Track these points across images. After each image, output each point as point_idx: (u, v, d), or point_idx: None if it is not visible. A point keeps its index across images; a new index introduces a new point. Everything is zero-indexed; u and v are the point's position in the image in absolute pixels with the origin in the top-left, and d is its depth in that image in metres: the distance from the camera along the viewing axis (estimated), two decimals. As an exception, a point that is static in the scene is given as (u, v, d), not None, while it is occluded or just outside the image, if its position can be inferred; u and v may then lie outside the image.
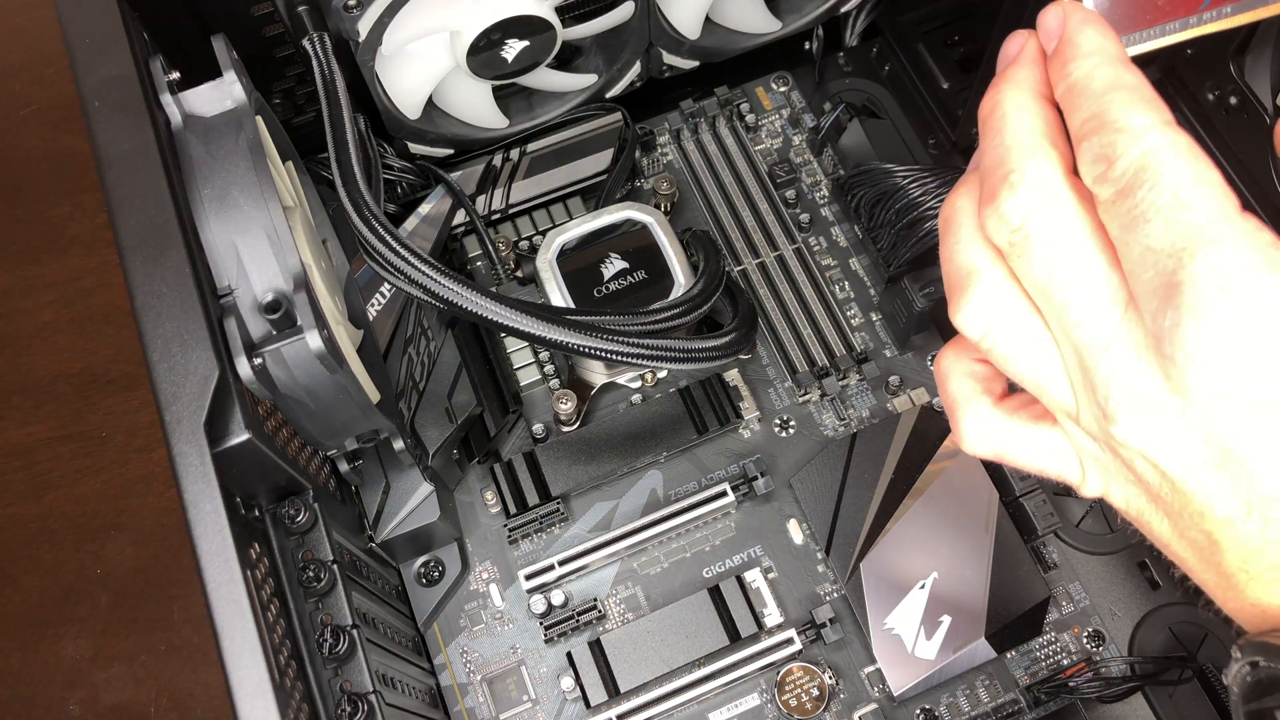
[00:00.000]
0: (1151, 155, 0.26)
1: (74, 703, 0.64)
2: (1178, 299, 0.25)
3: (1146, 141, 0.26)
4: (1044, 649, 0.54)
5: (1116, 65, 0.28)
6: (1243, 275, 0.24)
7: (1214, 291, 0.25)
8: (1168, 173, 0.26)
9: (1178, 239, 0.25)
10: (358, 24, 0.48)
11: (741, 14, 0.60)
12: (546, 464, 0.56)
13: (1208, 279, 0.25)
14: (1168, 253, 0.25)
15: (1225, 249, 0.25)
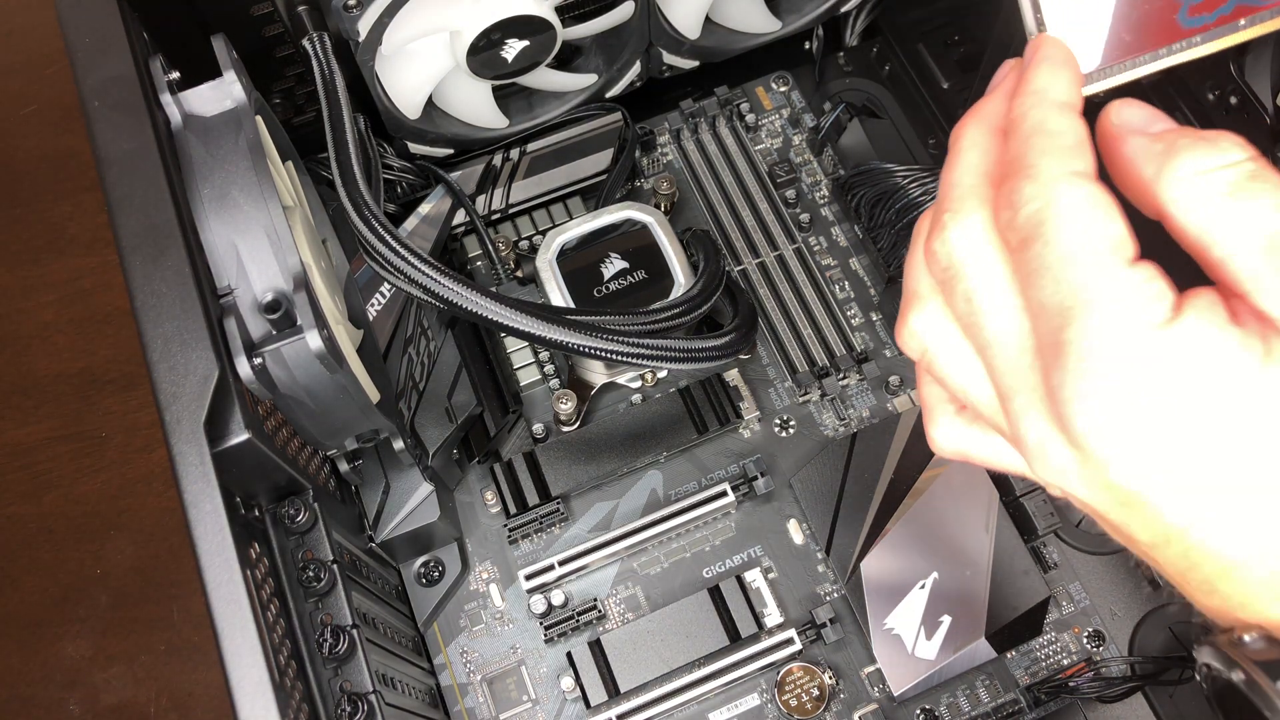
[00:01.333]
0: (1050, 208, 0.26)
1: (74, 702, 0.64)
2: (1063, 359, 0.26)
3: (1049, 192, 0.26)
4: (1044, 649, 0.54)
5: (1047, 108, 0.28)
6: (1121, 340, 0.25)
7: (1094, 355, 0.25)
8: (1063, 227, 0.26)
9: (1065, 297, 0.26)
10: (357, 24, 0.48)
11: (741, 14, 0.60)
12: (546, 464, 0.56)
13: (1088, 343, 0.25)
14: (1056, 311, 0.26)
15: (1106, 312, 0.25)
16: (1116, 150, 0.28)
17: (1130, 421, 0.25)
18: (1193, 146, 0.26)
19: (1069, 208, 0.26)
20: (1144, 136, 0.27)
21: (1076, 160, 0.27)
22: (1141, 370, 0.25)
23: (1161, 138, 0.27)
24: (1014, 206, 0.27)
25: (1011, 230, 0.27)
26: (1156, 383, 0.25)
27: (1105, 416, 0.25)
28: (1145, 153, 0.27)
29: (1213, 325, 0.25)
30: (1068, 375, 0.25)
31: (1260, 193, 0.25)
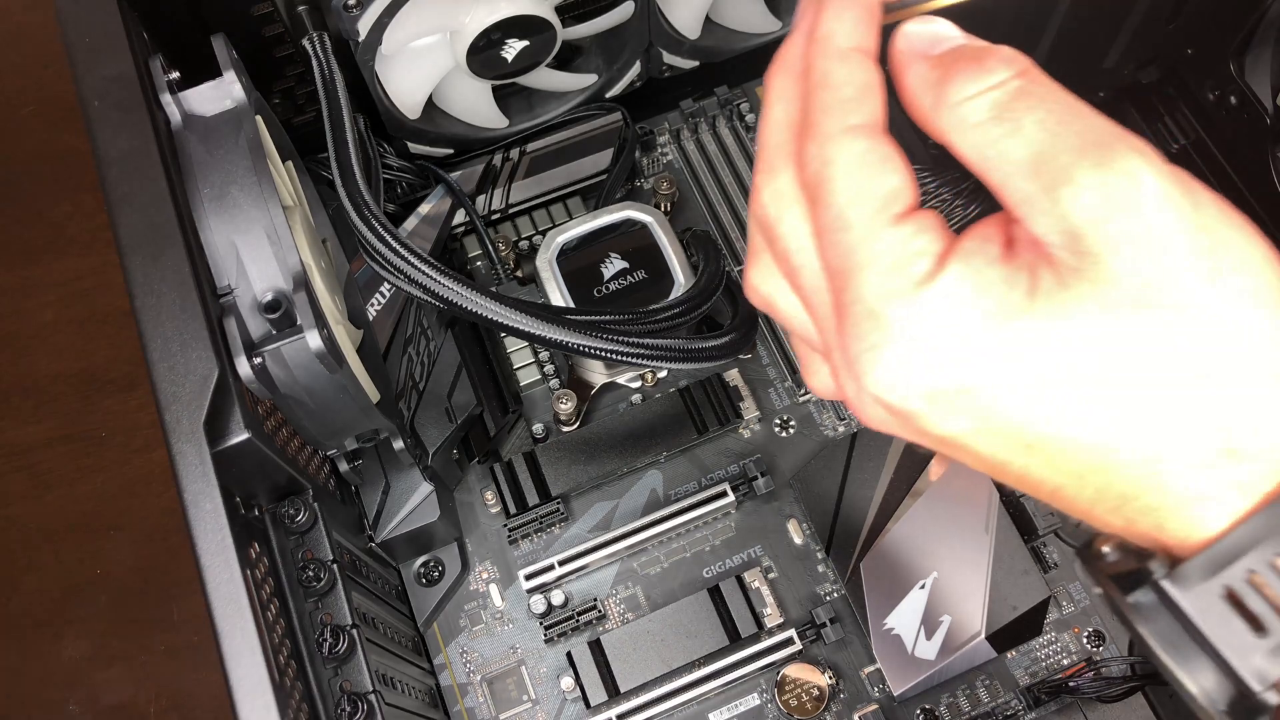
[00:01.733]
0: (826, 167, 0.26)
1: (73, 703, 0.64)
2: (845, 323, 0.26)
3: (825, 150, 0.26)
4: (1044, 649, 0.54)
5: (829, 57, 0.27)
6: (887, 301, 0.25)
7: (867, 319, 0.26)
8: (835, 188, 0.26)
9: (840, 260, 0.26)
10: (357, 24, 0.48)
11: (742, 13, 0.60)
12: (546, 464, 0.56)
13: (860, 307, 0.26)
14: (837, 273, 0.26)
15: (870, 274, 0.25)
16: (901, 80, 0.27)
17: (915, 377, 0.25)
18: (962, 72, 0.25)
19: (841, 167, 0.26)
20: (924, 62, 0.27)
21: (852, 114, 0.27)
22: (912, 328, 0.25)
23: (939, 62, 0.26)
24: (802, 165, 0.27)
25: (804, 189, 0.27)
26: (929, 337, 0.25)
27: (891, 377, 0.25)
28: (924, 82, 0.26)
29: (975, 270, 0.25)
30: (849, 340, 0.26)
31: (1025, 110, 0.25)
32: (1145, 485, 0.25)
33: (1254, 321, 0.24)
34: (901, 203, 0.26)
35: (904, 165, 0.26)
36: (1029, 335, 0.24)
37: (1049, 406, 0.25)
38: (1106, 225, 0.24)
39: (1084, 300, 0.24)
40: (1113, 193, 0.24)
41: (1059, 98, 0.25)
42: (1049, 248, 0.25)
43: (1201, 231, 0.24)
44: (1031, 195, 0.25)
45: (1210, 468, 0.24)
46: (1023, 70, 0.25)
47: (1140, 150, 0.24)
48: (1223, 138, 0.61)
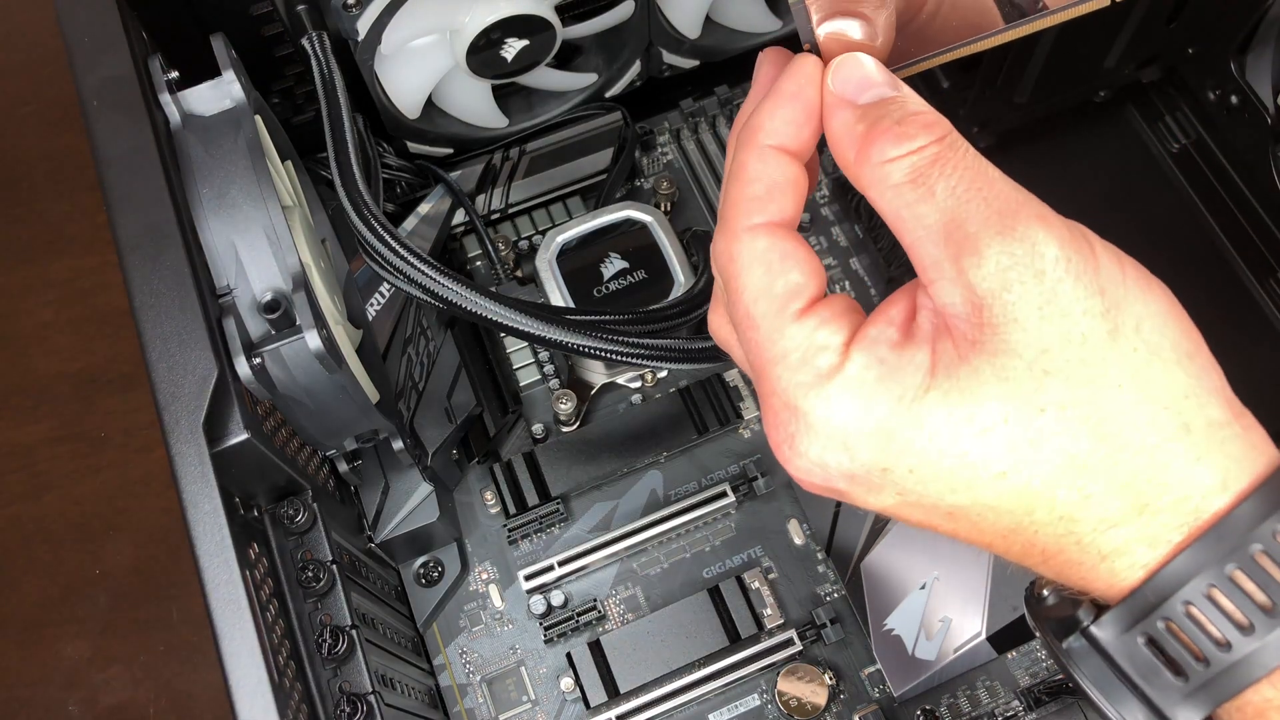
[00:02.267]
0: (730, 265, 0.28)
1: (73, 703, 0.64)
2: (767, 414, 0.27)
3: (730, 248, 0.28)
4: (1044, 649, 0.54)
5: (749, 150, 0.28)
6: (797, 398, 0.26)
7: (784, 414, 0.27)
8: (740, 287, 0.27)
9: (751, 354, 0.28)
10: (357, 23, 0.48)
11: (742, 13, 0.60)
12: (546, 464, 0.56)
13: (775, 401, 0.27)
14: (753, 363, 0.28)
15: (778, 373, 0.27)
16: (828, 123, 0.28)
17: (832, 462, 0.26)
18: (885, 134, 0.26)
19: (744, 265, 0.27)
20: (850, 111, 0.27)
21: (757, 213, 0.28)
22: (824, 417, 0.26)
23: (864, 115, 0.27)
24: (714, 255, 0.29)
25: (718, 278, 0.29)
26: (841, 425, 0.26)
27: (809, 464, 0.27)
28: (849, 134, 0.27)
29: (878, 357, 0.26)
30: (771, 429, 0.27)
31: (939, 176, 0.25)
32: (1062, 544, 0.26)
33: (1156, 377, 0.25)
34: (803, 298, 0.27)
35: (806, 259, 0.27)
36: (933, 414, 0.25)
37: (959, 479, 0.25)
38: (1006, 294, 0.25)
39: (981, 373, 0.25)
40: (1013, 261, 0.25)
41: (971, 165, 0.26)
42: (951, 319, 0.25)
43: (1099, 294, 0.25)
44: (939, 261, 0.25)
45: (1121, 525, 0.25)
46: (940, 137, 0.26)
47: (1042, 217, 0.25)
48: (1223, 137, 0.61)
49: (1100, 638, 0.26)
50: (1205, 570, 0.24)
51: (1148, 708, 0.25)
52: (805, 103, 0.28)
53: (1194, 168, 0.63)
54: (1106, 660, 0.26)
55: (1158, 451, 0.25)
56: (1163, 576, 0.25)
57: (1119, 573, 0.25)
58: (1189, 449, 0.25)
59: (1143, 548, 0.25)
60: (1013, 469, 0.25)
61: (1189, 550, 0.25)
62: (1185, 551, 0.25)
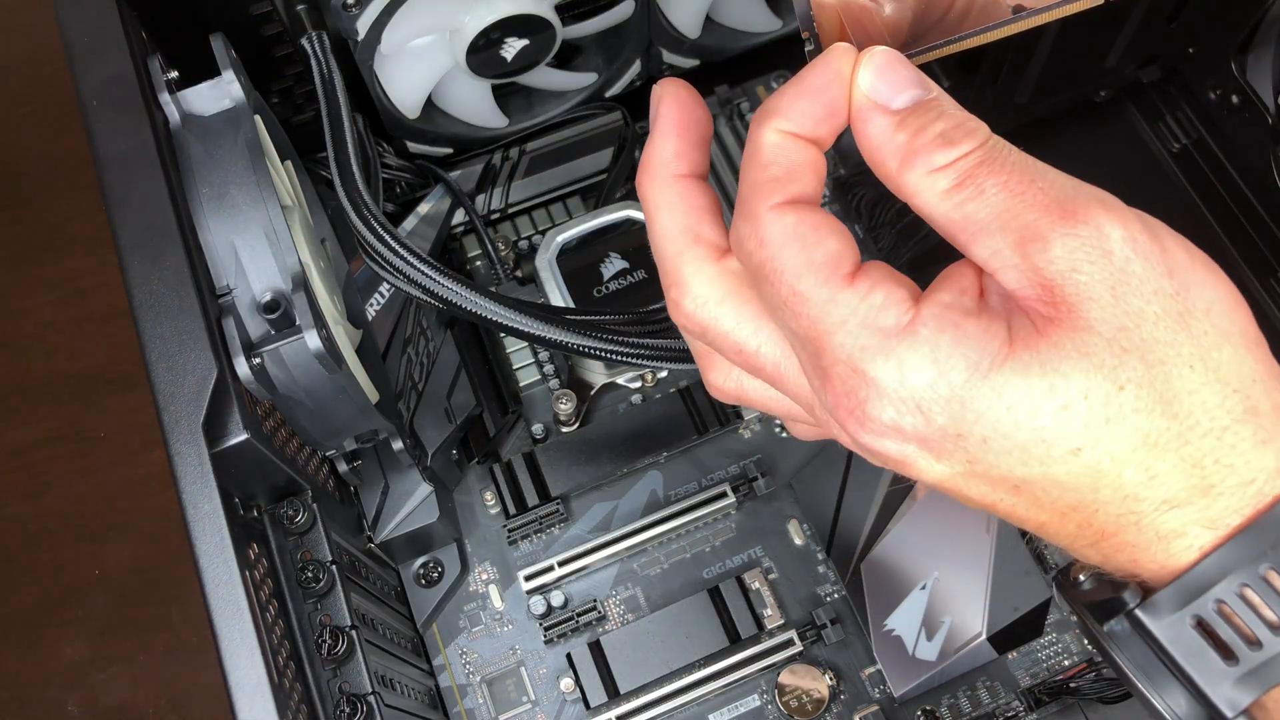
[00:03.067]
0: (762, 247, 0.27)
1: (72, 704, 0.64)
2: (832, 385, 0.27)
3: (759, 231, 0.27)
4: (1045, 650, 0.54)
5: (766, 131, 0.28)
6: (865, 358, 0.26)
7: (852, 380, 0.26)
8: (778, 267, 0.27)
9: (806, 329, 0.27)
10: (356, 23, 0.48)
11: (742, 12, 0.60)
12: (546, 464, 0.56)
13: (841, 369, 0.26)
14: (807, 341, 0.27)
15: (842, 337, 0.26)
16: (862, 129, 0.27)
17: (905, 427, 0.26)
18: (929, 148, 0.26)
19: (776, 246, 0.27)
20: (886, 119, 0.27)
21: (777, 193, 0.27)
22: (896, 380, 0.25)
23: (903, 124, 0.27)
24: (738, 244, 0.28)
25: (745, 265, 0.28)
26: (915, 388, 0.25)
27: (881, 429, 0.26)
28: (888, 144, 0.27)
29: (952, 322, 0.25)
30: (839, 399, 0.27)
31: (987, 175, 0.25)
32: (1121, 524, 0.26)
33: (1226, 361, 0.25)
34: (847, 263, 0.26)
35: (837, 226, 0.27)
36: (1012, 385, 0.25)
37: (1033, 453, 0.25)
38: (1076, 275, 0.24)
39: (1063, 347, 0.24)
40: (1080, 243, 0.24)
41: (1019, 161, 0.26)
42: (1022, 300, 0.25)
43: (1169, 275, 0.25)
44: (999, 252, 0.25)
45: (1183, 505, 0.25)
46: (984, 141, 0.26)
47: (1103, 201, 0.25)
48: (1224, 137, 0.61)
49: (1146, 620, 0.25)
50: (1265, 553, 0.24)
51: (1191, 692, 0.25)
52: (829, 101, 0.27)
53: (1194, 168, 0.63)
54: (1151, 643, 0.26)
55: (1226, 433, 0.25)
56: (1218, 557, 0.25)
57: (1174, 554, 0.25)
58: (1256, 432, 0.25)
59: (1201, 529, 0.25)
60: (1088, 446, 0.25)
61: (1248, 532, 0.25)
62: (1244, 533, 0.25)
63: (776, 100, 0.28)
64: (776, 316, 0.28)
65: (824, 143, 0.28)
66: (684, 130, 0.32)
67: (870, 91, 0.27)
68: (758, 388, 0.32)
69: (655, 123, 0.32)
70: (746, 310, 0.29)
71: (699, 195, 0.30)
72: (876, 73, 0.27)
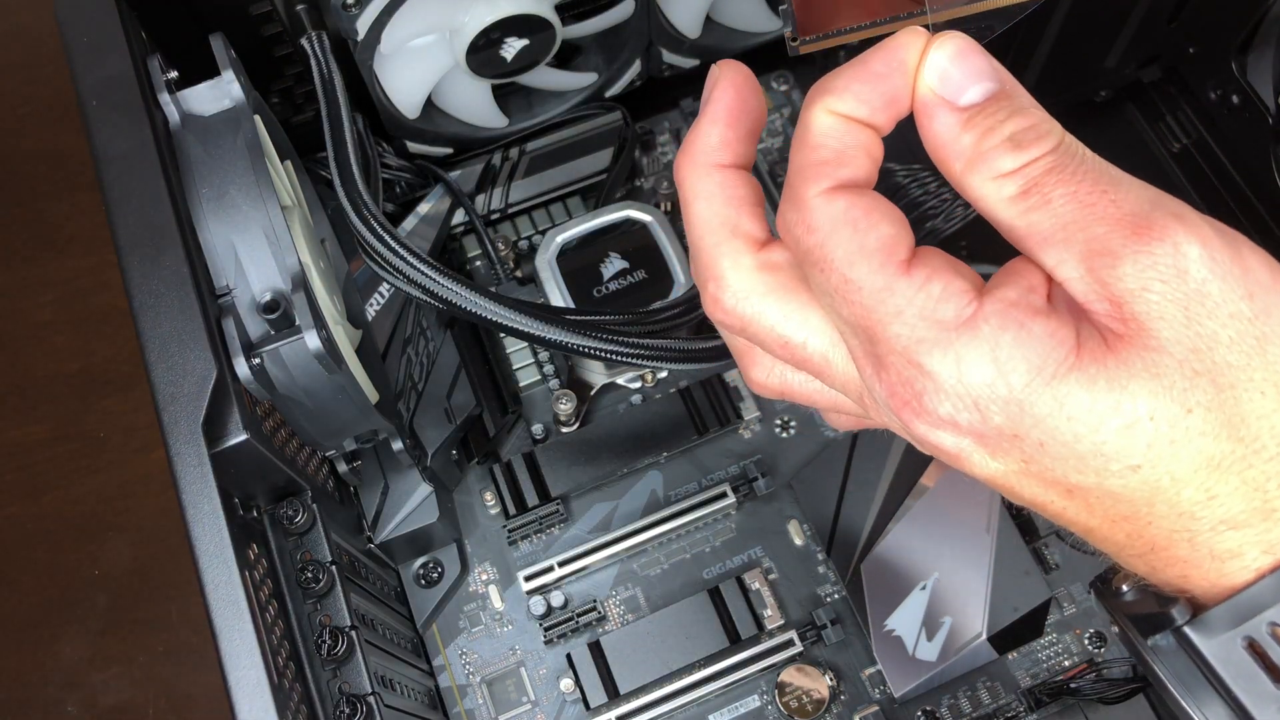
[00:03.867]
0: (809, 234, 0.26)
1: (72, 704, 0.64)
2: (888, 376, 0.26)
3: (808, 217, 0.26)
4: (1045, 650, 0.54)
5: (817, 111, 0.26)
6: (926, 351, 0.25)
7: (910, 371, 0.25)
8: (829, 254, 0.26)
9: (860, 318, 0.26)
10: (356, 23, 0.48)
11: (742, 12, 0.60)
12: (546, 465, 0.56)
13: (896, 359, 0.25)
14: (860, 330, 0.26)
15: (900, 327, 0.25)
16: (926, 124, 0.26)
17: (962, 421, 0.25)
18: (997, 151, 0.25)
19: (826, 233, 0.26)
20: (953, 116, 0.25)
21: (826, 177, 0.26)
22: (955, 374, 0.25)
23: (971, 124, 0.25)
24: (785, 230, 0.27)
25: (793, 251, 0.27)
26: (975, 384, 0.24)
27: (938, 421, 0.25)
28: (953, 144, 0.26)
29: (1017, 322, 0.24)
30: (894, 389, 0.26)
31: (1055, 184, 0.24)
32: (1173, 540, 0.25)
33: None
34: (902, 250, 0.25)
35: (891, 211, 0.26)
36: (1075, 396, 0.24)
37: (1090, 465, 0.24)
38: (1148, 294, 0.23)
39: (1132, 365, 0.24)
40: (1153, 261, 0.23)
41: (1092, 169, 0.24)
42: (1093, 313, 0.24)
43: (1249, 298, 0.24)
44: (1065, 263, 0.24)
45: (1242, 527, 0.25)
46: (1055, 145, 0.25)
47: (1181, 216, 0.24)
48: (1224, 137, 0.60)
49: (1195, 638, 0.25)
50: None
51: (1237, 713, 0.25)
52: (890, 89, 0.26)
53: (1195, 167, 0.63)
54: (1198, 661, 0.25)
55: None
56: (1276, 580, 0.24)
57: (1227, 574, 0.25)
58: None
59: (1259, 552, 0.25)
60: (1148, 464, 0.24)
61: None
62: None
63: (832, 79, 0.26)
64: (826, 305, 0.27)
65: (882, 129, 0.27)
66: (734, 119, 0.30)
67: (938, 84, 0.26)
68: (802, 380, 0.31)
69: (706, 106, 0.30)
70: (791, 302, 0.28)
71: (740, 186, 0.29)
72: (947, 62, 0.26)
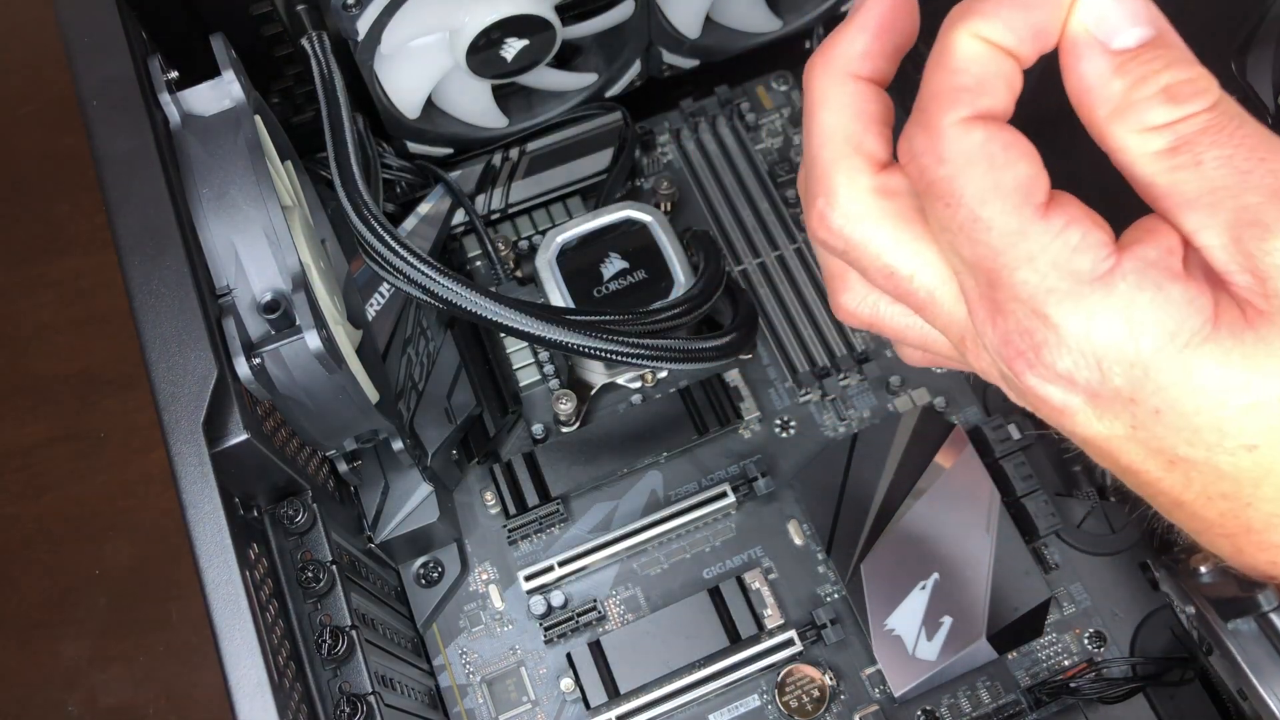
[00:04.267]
0: (940, 165, 0.24)
1: (72, 703, 0.64)
2: (1002, 321, 0.25)
3: (939, 145, 0.24)
4: (1045, 650, 0.54)
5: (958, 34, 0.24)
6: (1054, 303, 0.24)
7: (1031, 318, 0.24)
8: (960, 187, 0.24)
9: (984, 259, 0.24)
10: (356, 23, 0.48)
11: (742, 13, 0.60)
12: (546, 464, 0.56)
13: (1018, 306, 0.24)
14: (983, 272, 0.25)
15: (1031, 276, 0.24)
16: (1073, 65, 0.24)
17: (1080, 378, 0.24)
18: (1151, 102, 0.23)
19: (959, 164, 0.24)
20: (1105, 60, 0.24)
21: (964, 105, 0.24)
22: (1082, 329, 0.24)
23: (1122, 69, 0.24)
24: (910, 156, 0.25)
25: (915, 181, 0.25)
26: (1101, 341, 0.24)
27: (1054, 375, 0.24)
28: (1101, 90, 0.24)
29: (1155, 283, 0.23)
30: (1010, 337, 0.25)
31: (1209, 145, 0.23)
32: (1273, 524, 0.25)
33: None
34: (1039, 192, 0.24)
35: (1030, 150, 0.24)
36: (1205, 368, 0.23)
37: (1204, 438, 0.24)
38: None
39: (1270, 345, 0.23)
40: None
41: (1251, 133, 0.23)
42: (1232, 284, 0.23)
43: None
44: (1208, 229, 0.23)
45: None
46: (1213, 104, 0.23)
47: None
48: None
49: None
50: None
51: None
52: (1040, 20, 0.24)
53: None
54: None
55: None
56: None
57: None
58: None
59: None
60: (1265, 445, 0.23)
61: None
62: None
63: (980, 1, 0.24)
64: (945, 241, 0.25)
65: (1024, 60, 0.25)
66: (883, 30, 0.27)
67: (1092, 23, 0.24)
68: (897, 314, 0.29)
69: (856, 11, 0.28)
70: (905, 232, 0.27)
71: (874, 102, 0.27)
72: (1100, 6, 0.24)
